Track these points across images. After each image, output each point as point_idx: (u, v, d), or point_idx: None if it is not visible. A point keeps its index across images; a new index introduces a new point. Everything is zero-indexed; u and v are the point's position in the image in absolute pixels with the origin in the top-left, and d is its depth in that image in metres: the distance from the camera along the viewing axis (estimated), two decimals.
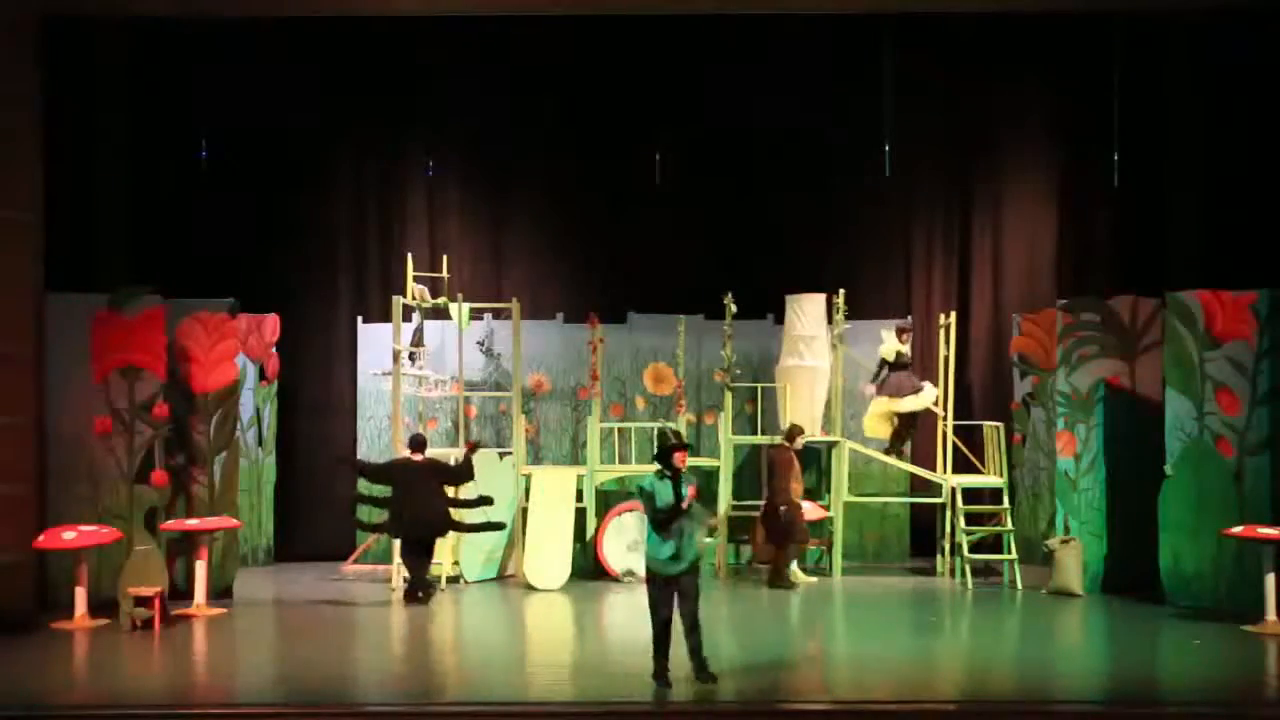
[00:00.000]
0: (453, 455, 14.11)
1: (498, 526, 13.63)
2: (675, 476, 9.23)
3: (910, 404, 14.82)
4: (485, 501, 13.26)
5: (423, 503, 12.95)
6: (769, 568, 14.08)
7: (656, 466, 9.35)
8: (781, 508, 13.83)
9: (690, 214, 15.87)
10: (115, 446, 12.66)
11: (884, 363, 14.92)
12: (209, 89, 15.17)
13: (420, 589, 12.94)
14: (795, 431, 14.19)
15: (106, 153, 14.72)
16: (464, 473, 13.24)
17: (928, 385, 14.87)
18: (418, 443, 13.34)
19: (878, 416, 14.96)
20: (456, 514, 13.25)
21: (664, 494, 9.20)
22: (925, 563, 15.21)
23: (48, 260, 12.41)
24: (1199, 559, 12.34)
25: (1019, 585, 13.78)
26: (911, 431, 15.11)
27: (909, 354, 15.00)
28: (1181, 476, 12.47)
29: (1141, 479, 12.85)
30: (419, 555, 13.09)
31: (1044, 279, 16.06)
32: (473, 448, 13.37)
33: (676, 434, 9.54)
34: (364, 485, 14.15)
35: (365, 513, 13.94)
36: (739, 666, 9.87)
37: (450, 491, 13.23)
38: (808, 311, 14.84)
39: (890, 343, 14.87)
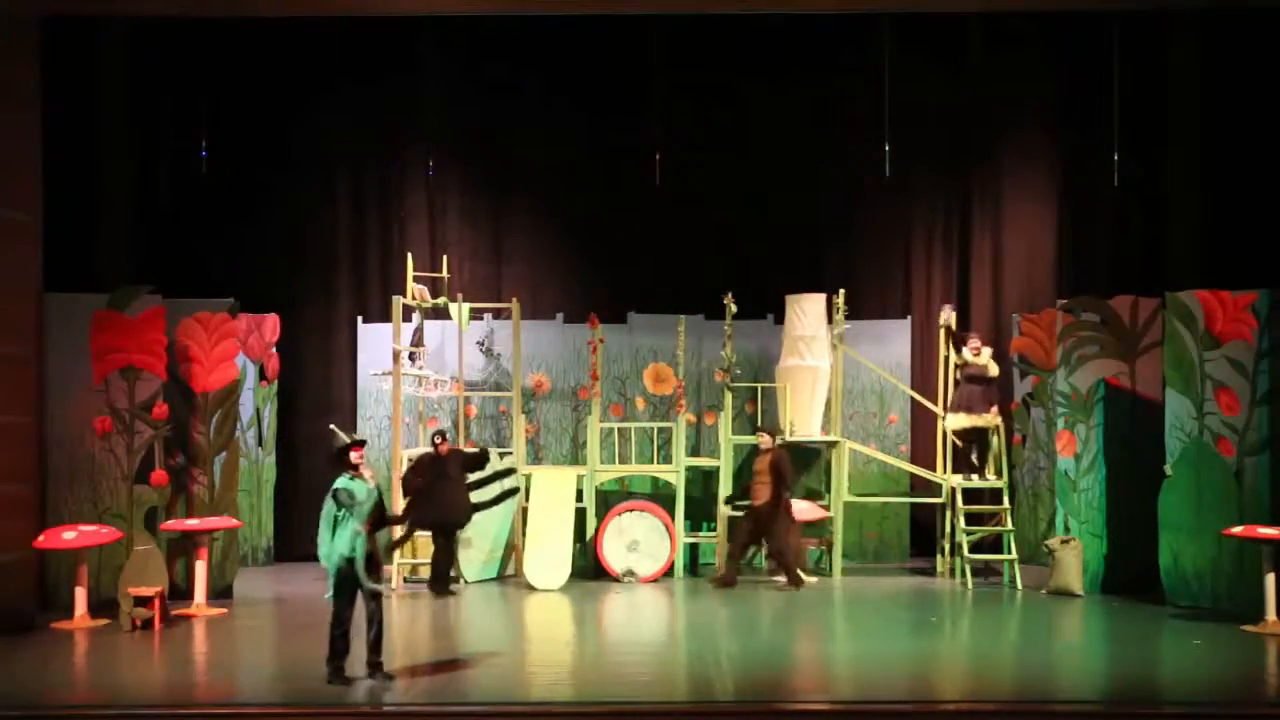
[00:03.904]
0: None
1: (513, 492, 14.13)
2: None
3: (950, 422, 14.66)
4: (510, 494, 14.06)
5: (451, 493, 13.52)
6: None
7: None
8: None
9: (690, 214, 15.86)
10: (115, 446, 12.66)
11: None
12: (209, 89, 15.18)
13: (442, 584, 13.42)
14: (772, 430, 14.20)
15: (106, 153, 14.73)
16: (484, 457, 13.87)
17: (960, 414, 14.40)
18: (441, 436, 13.80)
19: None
20: (476, 496, 13.83)
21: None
22: (925, 563, 15.21)
23: (48, 260, 12.40)
24: (1199, 559, 12.34)
25: (1019, 585, 13.78)
26: (973, 451, 14.55)
27: (980, 367, 14.39)
28: (1181, 476, 12.47)
29: (1141, 479, 12.85)
30: (446, 545, 13.58)
31: (1044, 279, 16.07)
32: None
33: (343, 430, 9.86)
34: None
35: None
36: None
37: (470, 478, 13.87)
38: (808, 311, 14.84)
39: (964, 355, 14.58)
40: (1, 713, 8.60)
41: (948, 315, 14.87)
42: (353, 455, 9.53)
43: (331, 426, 10.33)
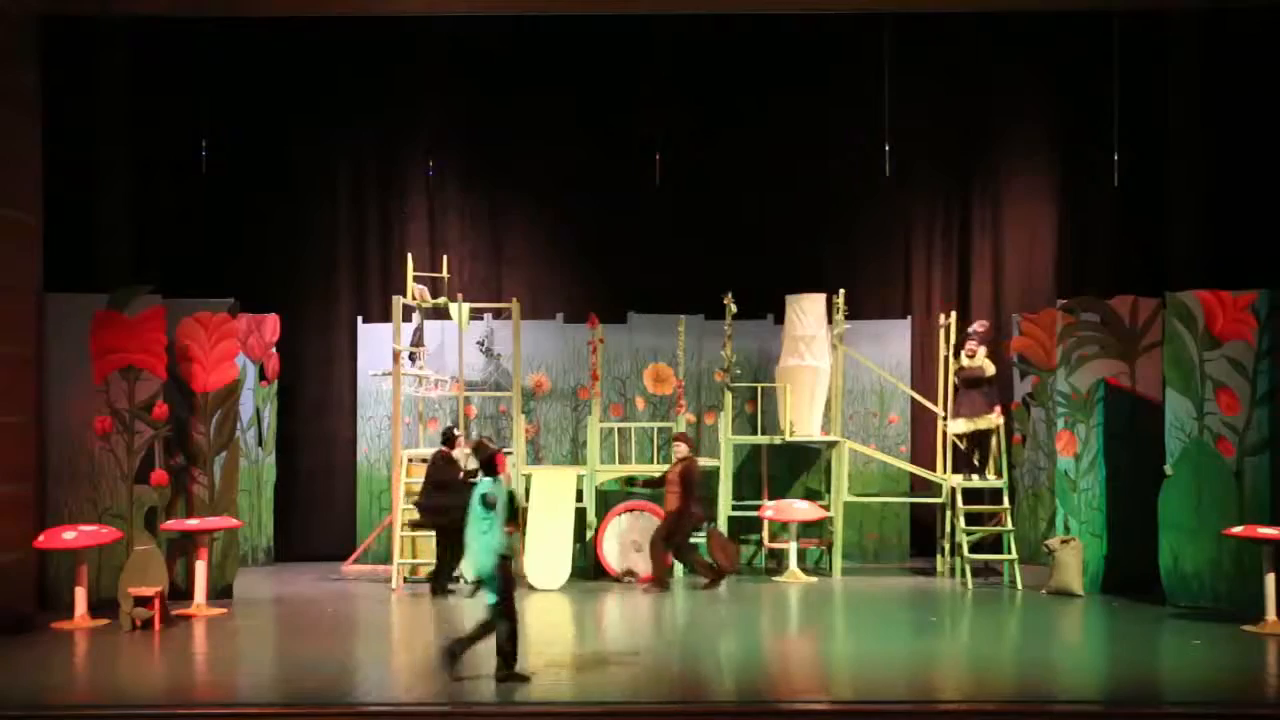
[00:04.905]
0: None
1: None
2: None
3: (952, 427, 14.67)
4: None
5: (458, 496, 13.22)
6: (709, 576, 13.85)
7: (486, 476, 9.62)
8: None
9: (690, 214, 15.87)
10: (115, 446, 12.67)
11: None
12: (209, 89, 15.18)
13: (443, 584, 13.30)
14: (686, 438, 14.16)
15: (106, 153, 14.73)
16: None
17: (961, 420, 14.47)
18: (449, 437, 13.64)
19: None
20: None
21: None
22: (925, 563, 15.21)
23: (48, 260, 12.42)
24: (1199, 559, 12.34)
25: (1019, 585, 13.78)
26: (975, 453, 14.54)
27: (975, 369, 14.40)
28: (1181, 476, 12.47)
29: (1141, 479, 12.86)
30: (450, 547, 13.29)
31: (1044, 279, 16.07)
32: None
33: (489, 438, 9.91)
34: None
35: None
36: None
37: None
38: (808, 311, 14.84)
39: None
40: (1, 713, 8.60)
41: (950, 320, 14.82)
42: (499, 464, 9.69)
43: (480, 438, 10.42)
